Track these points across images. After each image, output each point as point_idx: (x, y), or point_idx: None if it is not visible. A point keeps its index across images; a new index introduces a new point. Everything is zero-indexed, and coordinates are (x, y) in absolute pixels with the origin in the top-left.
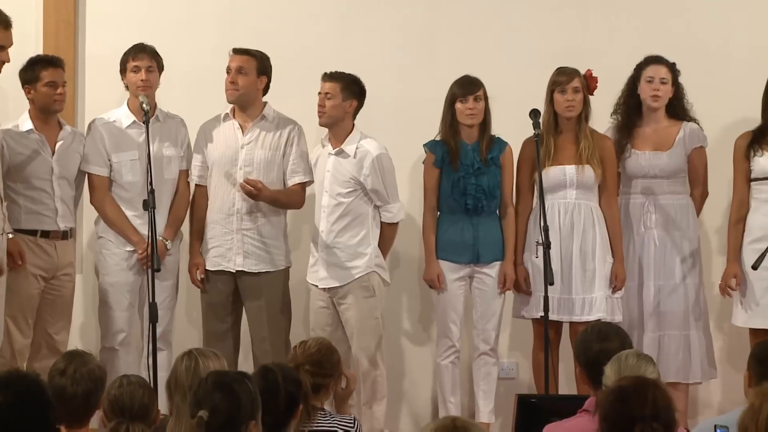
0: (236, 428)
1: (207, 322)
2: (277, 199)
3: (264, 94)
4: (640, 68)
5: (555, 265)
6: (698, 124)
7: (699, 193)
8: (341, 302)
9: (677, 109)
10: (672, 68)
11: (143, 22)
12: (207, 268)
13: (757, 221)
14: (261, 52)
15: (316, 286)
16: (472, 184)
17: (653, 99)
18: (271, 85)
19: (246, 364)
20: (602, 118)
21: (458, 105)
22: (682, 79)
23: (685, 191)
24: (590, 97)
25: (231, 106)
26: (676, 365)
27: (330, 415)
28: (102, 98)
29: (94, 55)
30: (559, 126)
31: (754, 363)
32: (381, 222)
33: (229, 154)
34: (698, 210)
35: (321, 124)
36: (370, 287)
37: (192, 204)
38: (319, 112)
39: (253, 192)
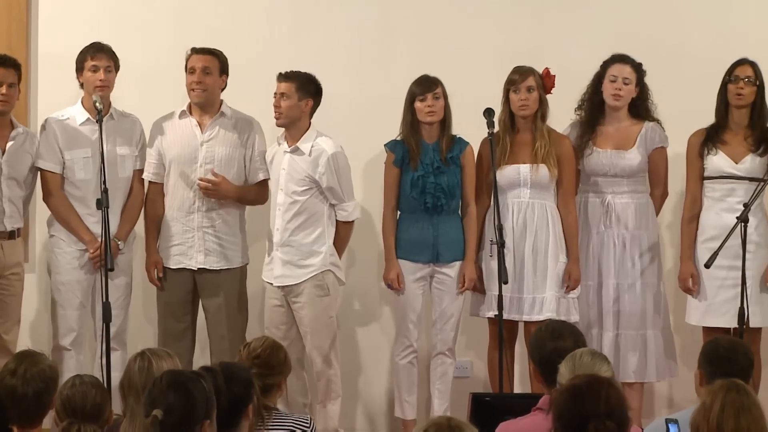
0: (191, 427)
1: (164, 322)
2: (244, 196)
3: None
4: (605, 66)
5: (508, 263)
6: (660, 125)
7: (659, 192)
8: (295, 300)
9: (640, 109)
10: (637, 68)
11: (96, 21)
12: (168, 266)
13: (710, 220)
14: (221, 51)
15: (272, 284)
16: (431, 183)
17: (614, 98)
18: (228, 84)
19: (203, 362)
20: (560, 117)
21: (417, 104)
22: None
23: (645, 190)
24: (549, 95)
25: (186, 102)
26: (634, 365)
27: (285, 415)
28: (55, 98)
29: (47, 54)
30: (515, 125)
31: (704, 362)
32: (336, 220)
33: (188, 151)
34: (657, 210)
35: (278, 125)
36: (325, 286)
37: (147, 202)
38: (275, 112)
39: (210, 188)
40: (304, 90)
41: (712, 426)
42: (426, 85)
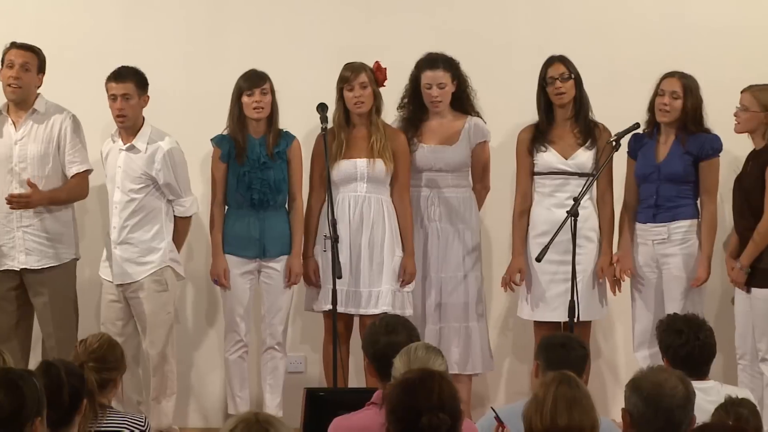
0: (21, 425)
1: None
2: (56, 198)
3: None
4: (418, 70)
5: (344, 257)
6: (482, 119)
7: (482, 186)
8: (133, 296)
9: (463, 103)
10: (447, 68)
11: None
12: None
13: (541, 215)
14: (40, 48)
15: (110, 281)
16: (257, 179)
17: (433, 105)
18: (56, 79)
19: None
20: (390, 111)
21: (245, 99)
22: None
23: (468, 184)
24: (381, 88)
25: (4, 101)
26: (456, 357)
27: (119, 413)
28: None
29: None
30: (350, 120)
31: (542, 350)
32: (174, 216)
33: (3, 151)
34: (480, 204)
35: (124, 127)
36: (164, 281)
37: None
38: (120, 116)
39: (22, 203)
40: (141, 87)
41: (545, 420)
42: (254, 80)
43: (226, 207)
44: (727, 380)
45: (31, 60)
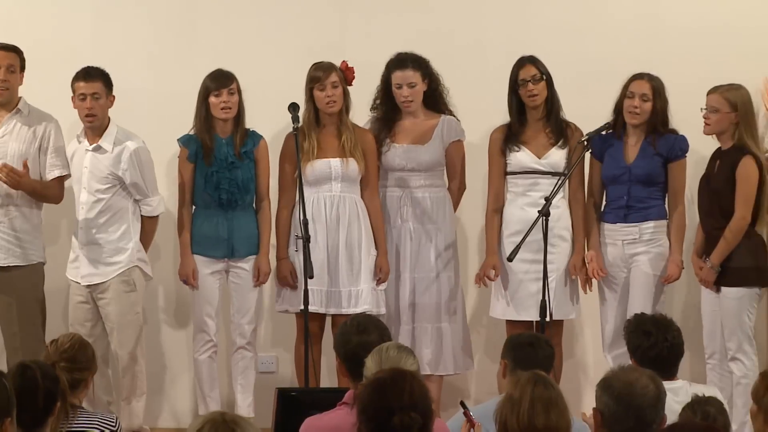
0: None
1: None
2: (35, 190)
3: None
4: (388, 70)
5: (322, 257)
6: (456, 118)
7: (456, 186)
8: (101, 297)
9: (436, 102)
10: (417, 67)
11: None
12: None
13: (514, 214)
14: (19, 47)
15: (78, 282)
16: (225, 179)
17: (405, 105)
18: (25, 78)
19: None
20: (363, 111)
21: (212, 99)
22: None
23: (442, 184)
24: (351, 88)
25: None
26: (428, 357)
27: (90, 413)
28: None
29: None
30: (320, 120)
31: (509, 349)
32: (141, 216)
33: None
34: (456, 203)
35: (93, 127)
36: (131, 282)
37: None
38: (89, 116)
39: (14, 178)
40: (108, 87)
41: (522, 420)
42: (221, 80)
43: (194, 207)
44: (694, 379)
45: (15, 61)
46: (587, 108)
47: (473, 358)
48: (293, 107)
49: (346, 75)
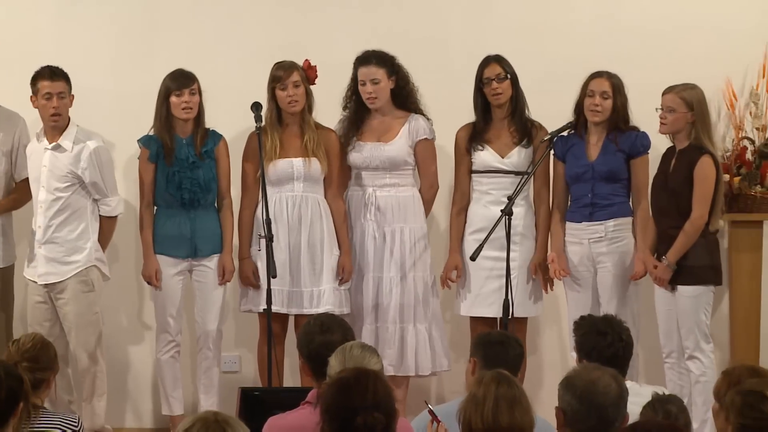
0: None
1: None
2: (7, 209)
3: None
4: (354, 68)
5: (284, 257)
6: (426, 116)
7: (428, 184)
8: (59, 297)
9: (402, 100)
10: (381, 64)
11: None
12: None
13: (478, 213)
14: None
15: (35, 281)
16: (187, 178)
17: (369, 102)
18: None
19: None
20: (327, 111)
21: (173, 99)
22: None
23: (410, 184)
24: (313, 87)
25: None
26: (391, 358)
27: (51, 413)
28: None
29: None
30: (283, 120)
31: (479, 348)
32: (100, 215)
33: None
34: (427, 203)
35: (57, 126)
36: (89, 281)
37: None
38: (55, 115)
39: None
40: (70, 86)
41: (487, 419)
42: (182, 81)
43: (155, 207)
44: (648, 379)
45: None
46: (548, 108)
47: (448, 358)
48: (256, 107)
49: (309, 74)
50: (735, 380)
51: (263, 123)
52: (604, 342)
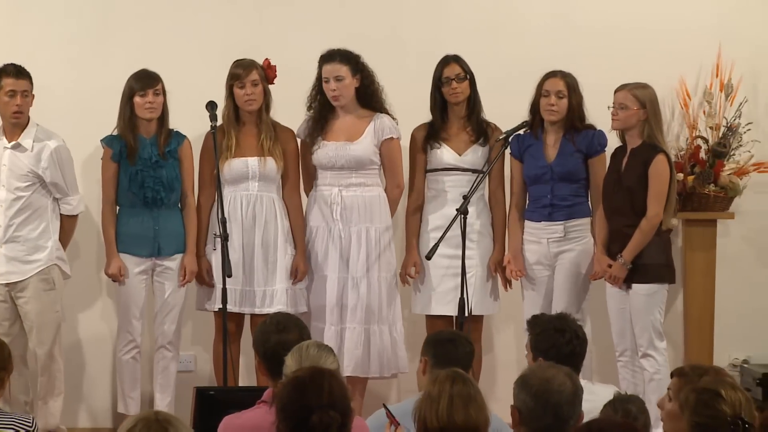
0: None
1: None
2: None
3: None
4: (319, 66)
5: (237, 256)
6: (391, 116)
7: (394, 184)
8: (20, 296)
9: (367, 99)
10: (345, 61)
11: None
12: None
13: (434, 211)
14: None
15: None
16: (150, 177)
17: (333, 99)
18: None
19: None
20: (287, 110)
21: (137, 99)
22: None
23: (376, 183)
24: (271, 86)
25: None
26: (355, 359)
27: (6, 414)
28: None
29: None
30: (240, 118)
31: (429, 347)
32: (61, 214)
33: None
34: (394, 202)
35: (19, 124)
36: (51, 280)
37: None
38: (18, 113)
39: None
40: (31, 84)
41: (442, 418)
42: (146, 81)
43: (118, 207)
44: (602, 377)
45: None
46: (504, 108)
47: (406, 360)
48: (211, 106)
49: (268, 73)
50: (690, 380)
51: (218, 122)
52: (562, 339)
